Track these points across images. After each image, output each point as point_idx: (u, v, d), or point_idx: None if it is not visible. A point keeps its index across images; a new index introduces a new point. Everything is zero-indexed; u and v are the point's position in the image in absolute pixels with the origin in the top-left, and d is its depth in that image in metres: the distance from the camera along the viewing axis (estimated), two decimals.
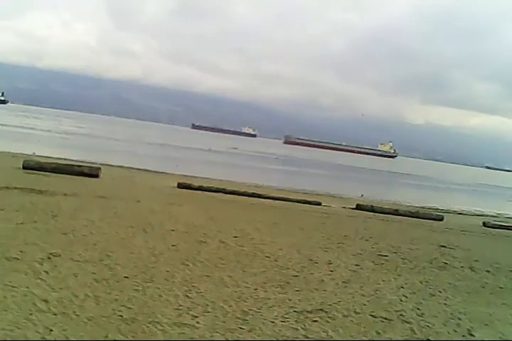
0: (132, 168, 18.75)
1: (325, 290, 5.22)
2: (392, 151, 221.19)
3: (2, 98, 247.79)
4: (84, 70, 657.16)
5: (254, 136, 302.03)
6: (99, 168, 12.28)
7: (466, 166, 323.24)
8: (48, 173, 11.74)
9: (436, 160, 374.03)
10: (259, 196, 12.35)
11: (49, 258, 5.02)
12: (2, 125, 48.81)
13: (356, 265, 6.67)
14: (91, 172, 12.06)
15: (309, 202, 12.60)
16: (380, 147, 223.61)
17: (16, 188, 8.66)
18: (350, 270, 6.33)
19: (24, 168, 11.99)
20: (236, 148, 70.53)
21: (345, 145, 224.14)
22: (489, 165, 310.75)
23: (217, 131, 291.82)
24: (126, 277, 4.79)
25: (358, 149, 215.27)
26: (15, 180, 10.13)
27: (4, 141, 29.47)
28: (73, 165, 12.23)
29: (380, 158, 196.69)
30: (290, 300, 4.78)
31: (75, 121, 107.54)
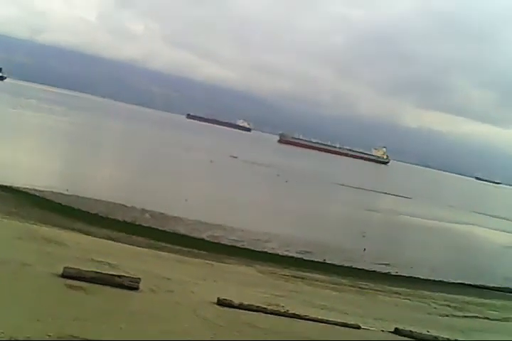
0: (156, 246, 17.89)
1: None
2: (385, 157, 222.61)
3: (0, 74, 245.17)
4: (83, 47, 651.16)
5: (248, 129, 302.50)
6: (139, 279, 11.99)
7: (457, 175, 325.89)
8: (88, 284, 11.39)
9: (427, 167, 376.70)
10: (299, 317, 12.15)
11: None
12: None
13: None
14: (131, 285, 11.77)
15: (347, 326, 12.38)
16: (374, 152, 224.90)
17: None
18: None
19: (63, 276, 11.66)
20: (236, 157, 70.52)
21: (339, 148, 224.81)
22: (479, 176, 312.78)
23: (212, 123, 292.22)
24: None
25: (352, 153, 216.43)
26: (63, 311, 9.74)
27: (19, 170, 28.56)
28: (113, 276, 11.92)
29: (373, 163, 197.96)
30: None
31: (79, 113, 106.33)
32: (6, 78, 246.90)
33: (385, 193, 64.62)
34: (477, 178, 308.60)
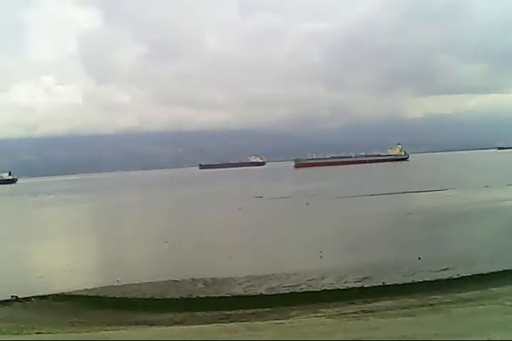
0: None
1: None
2: (403, 153, 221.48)
3: (10, 177, 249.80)
4: (79, 130, 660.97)
5: (263, 163, 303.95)
6: None
7: (478, 151, 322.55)
8: None
9: (447, 151, 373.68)
10: None
11: None
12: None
13: None
14: None
15: None
16: (390, 151, 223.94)
17: None
18: None
19: None
20: (261, 197, 70.43)
21: (355, 157, 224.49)
22: (501, 146, 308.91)
23: (226, 167, 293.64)
24: None
25: (369, 158, 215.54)
26: None
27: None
28: None
29: (394, 163, 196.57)
30: None
31: (95, 195, 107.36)
32: (17, 180, 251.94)
33: (419, 191, 64.02)
34: (499, 148, 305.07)
